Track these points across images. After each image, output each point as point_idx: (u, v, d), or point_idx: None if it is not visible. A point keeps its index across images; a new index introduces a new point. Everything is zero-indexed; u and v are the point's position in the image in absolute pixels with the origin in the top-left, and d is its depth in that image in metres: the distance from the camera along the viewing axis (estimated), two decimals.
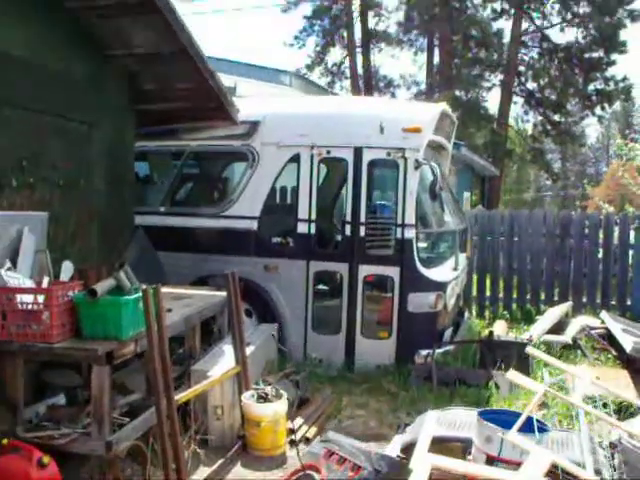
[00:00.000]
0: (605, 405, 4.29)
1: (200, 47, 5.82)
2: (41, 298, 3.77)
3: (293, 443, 5.01)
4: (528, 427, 3.34)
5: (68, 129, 5.39)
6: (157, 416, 3.97)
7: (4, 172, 4.61)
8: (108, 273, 4.53)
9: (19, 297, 3.80)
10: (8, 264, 3.98)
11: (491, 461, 3.26)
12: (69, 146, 5.41)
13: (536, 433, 3.26)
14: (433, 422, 3.74)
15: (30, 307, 3.77)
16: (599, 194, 35.62)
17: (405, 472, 3.21)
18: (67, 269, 4.49)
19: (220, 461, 4.65)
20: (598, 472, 3.20)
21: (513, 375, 3.95)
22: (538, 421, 3.43)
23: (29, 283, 4.02)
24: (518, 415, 3.41)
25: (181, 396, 4.28)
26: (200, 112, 6.91)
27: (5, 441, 3.68)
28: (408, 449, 3.86)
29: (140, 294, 3.93)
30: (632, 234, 9.69)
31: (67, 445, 3.87)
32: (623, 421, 4.39)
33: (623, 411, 5.16)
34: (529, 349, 4.80)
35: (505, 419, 3.44)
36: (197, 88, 6.31)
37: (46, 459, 3.58)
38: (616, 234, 9.77)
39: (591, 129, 48.43)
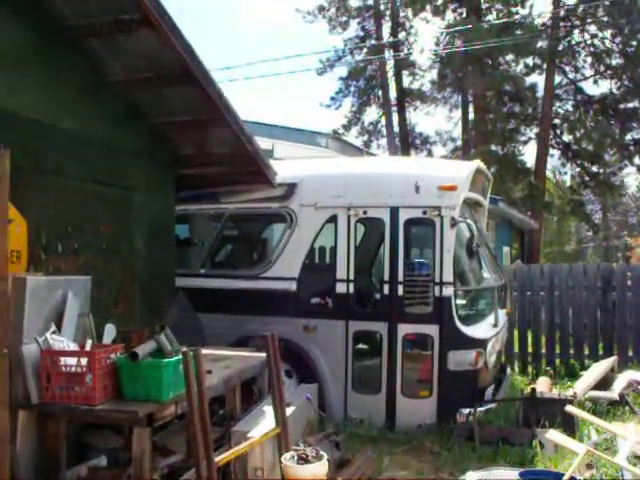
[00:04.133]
0: None
1: (237, 114, 6.02)
2: (84, 361, 3.89)
3: None
4: None
5: (111, 195, 5.60)
6: (197, 478, 3.98)
7: (51, 239, 4.80)
8: (150, 335, 4.62)
9: (63, 360, 3.92)
10: (53, 327, 4.09)
11: None
12: (112, 212, 5.62)
13: None
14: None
15: (74, 369, 3.88)
16: None
17: None
18: (109, 332, 4.59)
19: None
20: None
21: (554, 434, 3.88)
22: None
23: (73, 346, 4.13)
24: (561, 476, 3.35)
25: (221, 457, 4.28)
26: (238, 175, 7.10)
27: None
28: None
29: (180, 357, 3.99)
30: None
31: None
32: None
33: None
34: (569, 407, 4.70)
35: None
36: (235, 153, 6.51)
37: None
38: None
39: (631, 178, 47.87)
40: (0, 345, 3.47)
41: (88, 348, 4.13)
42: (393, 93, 33.48)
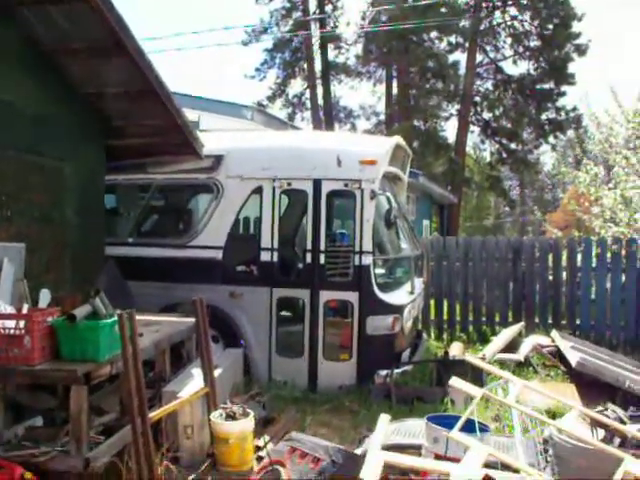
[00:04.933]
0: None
1: (167, 87, 6.18)
2: (22, 323, 4.04)
3: (260, 459, 5.28)
4: (472, 429, 3.71)
5: (43, 165, 5.70)
6: (132, 433, 4.21)
7: None
8: (82, 301, 4.81)
9: (1, 323, 4.06)
10: None
11: (439, 459, 3.62)
12: (44, 181, 5.73)
13: (477, 432, 3.63)
14: (385, 423, 4.08)
15: (12, 332, 4.04)
16: (556, 220, 36.51)
17: (359, 462, 3.57)
18: (45, 296, 4.76)
19: (191, 477, 4.91)
20: (532, 465, 3.58)
21: (455, 381, 4.32)
22: (480, 423, 3.81)
23: (10, 309, 4.29)
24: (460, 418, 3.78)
25: (154, 414, 4.54)
26: (167, 147, 7.25)
27: None
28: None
29: (116, 319, 4.22)
30: (579, 257, 10.22)
31: (47, 463, 4.10)
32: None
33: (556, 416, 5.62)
34: (468, 357, 5.18)
35: (452, 423, 3.79)
36: (164, 125, 6.67)
37: (28, 475, 3.83)
38: (564, 257, 10.29)
39: (547, 156, 49.65)
40: None
41: (25, 311, 4.30)
42: (318, 66, 33.69)
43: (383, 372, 6.97)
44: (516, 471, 3.24)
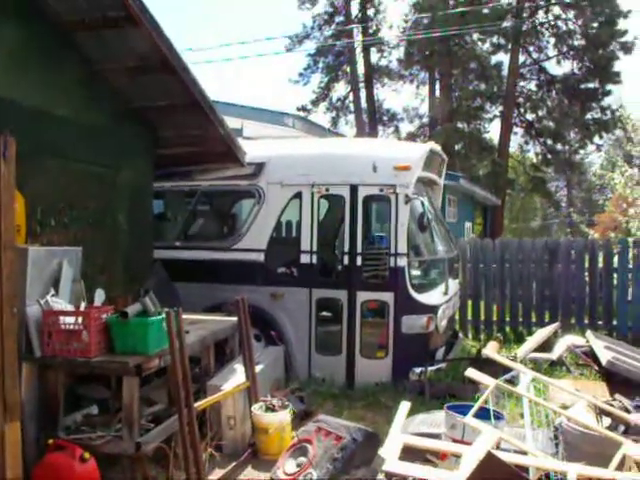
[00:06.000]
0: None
1: (210, 100, 6.57)
2: (80, 319, 4.48)
3: None
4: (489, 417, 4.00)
5: (96, 174, 6.13)
6: (179, 422, 4.60)
7: (45, 214, 5.36)
8: (133, 300, 5.23)
9: (62, 319, 4.50)
10: (52, 291, 4.67)
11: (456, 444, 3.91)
12: (98, 189, 6.16)
13: (492, 420, 3.92)
14: (405, 410, 4.38)
15: (72, 327, 4.48)
16: (604, 221, 36.09)
17: (377, 441, 3.90)
18: (99, 296, 5.18)
19: (233, 464, 5.29)
20: (543, 451, 3.85)
21: (471, 372, 4.60)
22: (495, 411, 4.09)
23: (70, 307, 4.72)
24: (482, 408, 4.07)
25: (199, 404, 4.93)
26: (211, 155, 7.64)
27: (51, 441, 4.35)
28: None
29: (164, 316, 4.62)
30: (616, 258, 10.32)
31: (102, 446, 4.53)
32: None
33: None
34: (488, 353, 5.44)
35: (469, 411, 4.09)
36: (208, 135, 7.05)
37: (87, 455, 4.24)
38: (600, 259, 10.40)
39: (595, 156, 48.94)
40: (11, 305, 4.03)
41: (82, 309, 4.73)
42: (361, 69, 33.98)
43: (418, 369, 7.26)
44: (524, 454, 3.53)
